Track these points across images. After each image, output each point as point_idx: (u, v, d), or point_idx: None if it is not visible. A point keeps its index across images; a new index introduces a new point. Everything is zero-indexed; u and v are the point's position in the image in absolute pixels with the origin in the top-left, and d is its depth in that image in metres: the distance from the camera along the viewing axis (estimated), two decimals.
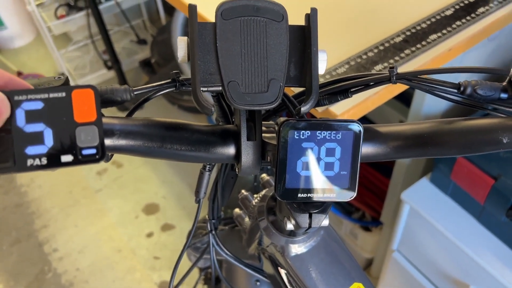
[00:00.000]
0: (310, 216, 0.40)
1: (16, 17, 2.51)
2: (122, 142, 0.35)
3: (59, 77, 0.35)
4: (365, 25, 0.77)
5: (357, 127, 0.36)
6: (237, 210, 0.66)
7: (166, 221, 1.76)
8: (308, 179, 0.37)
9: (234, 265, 0.70)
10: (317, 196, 0.37)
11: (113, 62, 2.10)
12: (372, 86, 0.43)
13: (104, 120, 0.34)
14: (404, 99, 1.22)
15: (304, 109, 0.36)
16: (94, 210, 1.82)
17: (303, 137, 0.36)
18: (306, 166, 0.36)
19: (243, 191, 0.62)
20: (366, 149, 0.40)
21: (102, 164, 1.98)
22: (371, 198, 1.42)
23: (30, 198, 1.88)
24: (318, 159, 0.36)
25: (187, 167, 1.95)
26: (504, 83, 0.40)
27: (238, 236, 0.69)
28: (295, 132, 0.36)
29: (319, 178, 0.37)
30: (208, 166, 0.51)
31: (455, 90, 0.40)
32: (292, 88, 0.65)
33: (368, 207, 1.42)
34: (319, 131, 0.36)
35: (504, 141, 0.38)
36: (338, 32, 0.76)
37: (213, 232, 0.62)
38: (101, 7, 1.97)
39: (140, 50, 2.34)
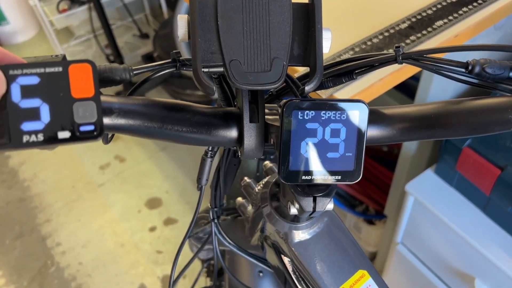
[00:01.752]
0: (315, 200, 0.39)
1: (19, 12, 2.50)
2: (121, 121, 0.34)
3: (56, 56, 0.34)
4: (370, 11, 0.76)
5: (363, 107, 0.35)
6: (239, 199, 0.65)
7: (169, 215, 1.76)
8: (312, 161, 0.36)
9: (237, 256, 0.69)
10: (321, 179, 0.36)
11: (116, 56, 2.09)
12: (377, 66, 0.42)
13: (102, 98, 0.33)
14: (408, 91, 1.21)
15: (308, 88, 0.35)
16: (97, 204, 1.82)
17: (307, 118, 0.35)
18: (310, 148, 0.35)
19: (246, 178, 0.61)
20: (372, 132, 0.39)
21: (105, 159, 1.98)
22: (374, 191, 1.41)
23: (33, 193, 1.88)
24: (323, 140, 0.35)
25: (190, 161, 1.94)
26: None
27: (240, 226, 0.68)
28: (299, 112, 0.35)
29: (324, 160, 0.36)
30: (210, 152, 0.50)
31: (463, 69, 0.39)
32: (295, 74, 0.63)
33: (371, 200, 1.41)
34: (324, 111, 0.35)
35: None
36: (343, 18, 0.75)
37: (215, 220, 0.61)
38: (103, 1, 1.96)
39: (143, 45, 2.33)
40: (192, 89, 2.00)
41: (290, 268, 0.53)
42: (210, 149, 0.50)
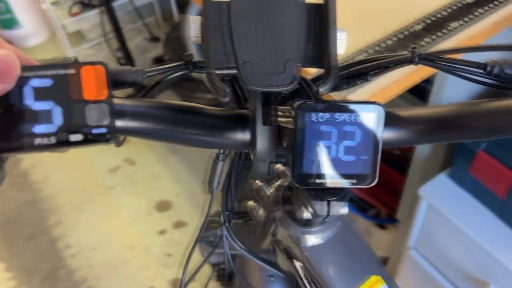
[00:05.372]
0: (328, 204, 0.38)
1: (31, 16, 2.53)
2: (133, 123, 0.34)
3: (69, 58, 0.34)
4: (384, 12, 0.75)
5: (379, 109, 0.34)
6: (251, 202, 0.65)
7: (178, 218, 1.76)
8: (326, 164, 0.35)
9: (248, 260, 0.69)
10: (336, 182, 0.35)
11: (126, 59, 2.10)
12: (392, 68, 0.41)
13: (115, 100, 0.33)
14: (420, 93, 1.19)
15: (322, 89, 0.34)
16: (107, 207, 1.83)
17: (321, 120, 0.34)
18: (325, 151, 0.35)
19: (257, 181, 0.60)
20: (388, 134, 0.38)
21: (115, 162, 1.98)
22: (386, 195, 1.39)
23: (44, 195, 1.89)
24: (338, 143, 0.35)
25: (200, 164, 1.94)
26: None
27: (251, 229, 0.67)
28: (313, 114, 0.34)
29: (338, 163, 0.35)
30: (221, 155, 0.50)
31: (481, 71, 0.38)
32: (309, 75, 0.63)
33: (383, 205, 1.40)
34: (339, 113, 0.34)
35: None
36: (356, 20, 0.74)
37: (227, 224, 0.60)
38: (114, 4, 1.97)
39: (153, 48, 2.34)
40: (202, 92, 2.00)
41: (301, 273, 0.52)
42: (221, 152, 0.50)
